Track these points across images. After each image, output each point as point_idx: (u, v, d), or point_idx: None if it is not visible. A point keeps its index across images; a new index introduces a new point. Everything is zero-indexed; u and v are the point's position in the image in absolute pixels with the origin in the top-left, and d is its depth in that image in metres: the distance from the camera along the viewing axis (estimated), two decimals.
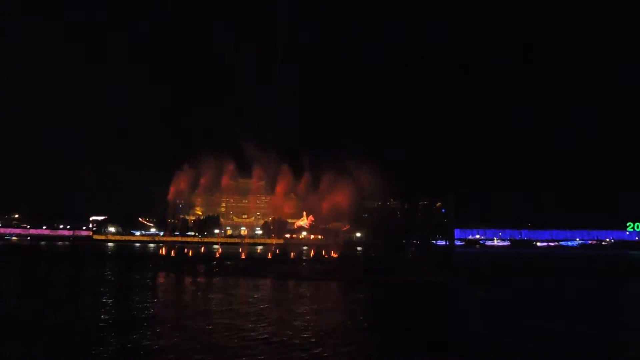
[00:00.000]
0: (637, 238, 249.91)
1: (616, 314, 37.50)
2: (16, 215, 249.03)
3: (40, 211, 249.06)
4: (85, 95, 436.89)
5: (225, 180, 75.49)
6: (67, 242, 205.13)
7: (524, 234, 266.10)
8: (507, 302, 43.52)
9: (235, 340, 24.20)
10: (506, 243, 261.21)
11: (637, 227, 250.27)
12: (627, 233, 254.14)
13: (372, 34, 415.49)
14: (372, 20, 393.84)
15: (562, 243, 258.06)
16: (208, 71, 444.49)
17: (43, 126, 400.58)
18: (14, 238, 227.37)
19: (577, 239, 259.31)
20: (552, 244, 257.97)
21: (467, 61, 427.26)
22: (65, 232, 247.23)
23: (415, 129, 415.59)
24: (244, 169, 73.28)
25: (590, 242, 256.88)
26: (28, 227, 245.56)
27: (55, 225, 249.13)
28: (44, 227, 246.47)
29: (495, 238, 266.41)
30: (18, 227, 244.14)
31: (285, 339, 24.75)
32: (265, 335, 25.30)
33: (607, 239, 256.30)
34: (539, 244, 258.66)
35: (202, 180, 71.97)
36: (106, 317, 30.46)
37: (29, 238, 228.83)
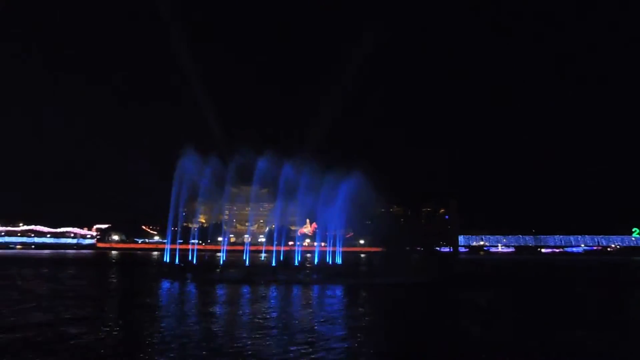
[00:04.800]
0: None
1: (622, 322, 37.12)
2: (21, 224, 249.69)
3: (44, 219, 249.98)
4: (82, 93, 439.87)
5: (229, 188, 75.55)
6: (71, 251, 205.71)
7: (529, 240, 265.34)
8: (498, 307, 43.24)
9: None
10: (511, 249, 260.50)
11: None
12: (633, 239, 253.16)
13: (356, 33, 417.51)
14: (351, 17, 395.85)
15: (567, 249, 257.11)
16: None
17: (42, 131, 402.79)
18: (18, 246, 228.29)
19: (582, 245, 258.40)
20: (556, 250, 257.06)
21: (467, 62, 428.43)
22: (70, 241, 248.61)
23: (420, 135, 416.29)
24: (248, 176, 73.30)
25: (595, 248, 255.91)
26: (32, 235, 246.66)
27: (59, 233, 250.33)
28: (48, 235, 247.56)
29: (499, 244, 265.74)
30: (23, 235, 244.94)
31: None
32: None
33: (613, 245, 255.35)
34: (543, 250, 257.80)
35: (206, 188, 72.08)
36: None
37: (33, 247, 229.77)
